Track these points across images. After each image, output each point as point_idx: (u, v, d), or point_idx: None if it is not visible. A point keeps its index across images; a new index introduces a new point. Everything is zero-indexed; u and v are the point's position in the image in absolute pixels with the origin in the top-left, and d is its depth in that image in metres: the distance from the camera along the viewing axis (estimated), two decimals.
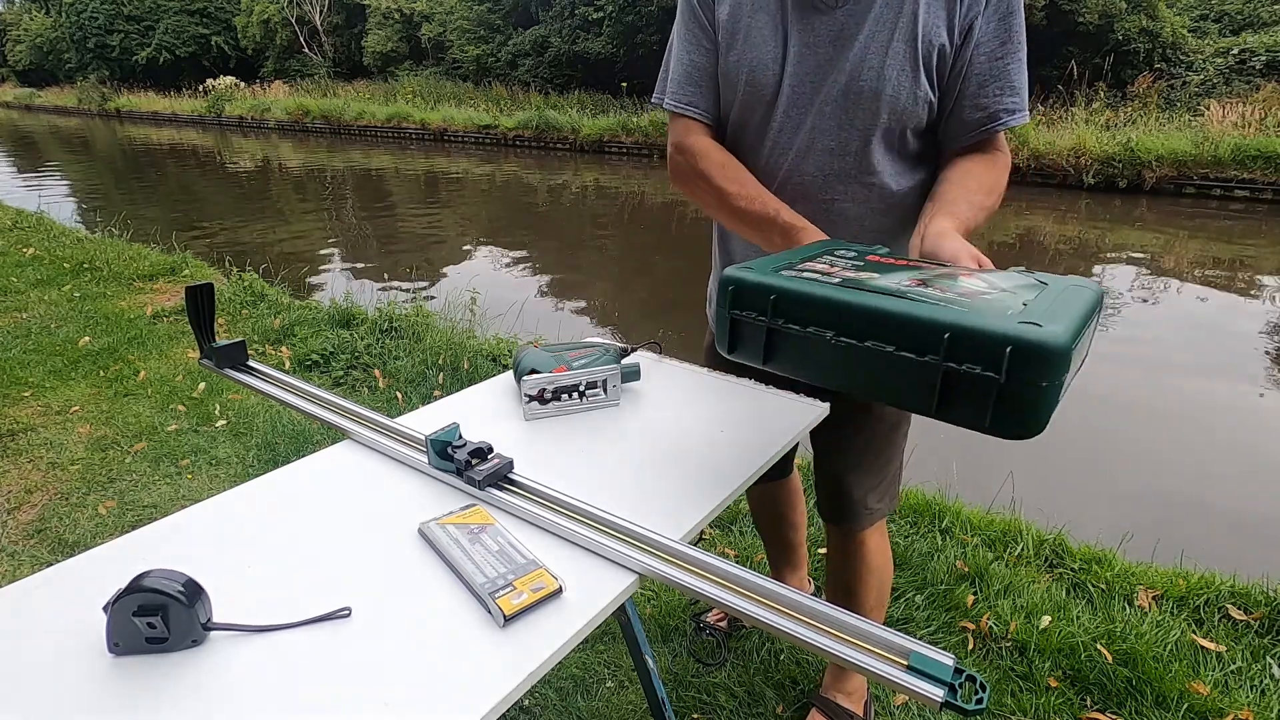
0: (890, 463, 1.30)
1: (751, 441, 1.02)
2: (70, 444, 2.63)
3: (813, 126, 1.07)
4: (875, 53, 1.00)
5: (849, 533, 1.34)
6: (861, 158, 1.07)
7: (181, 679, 0.63)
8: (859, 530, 1.32)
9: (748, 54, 1.07)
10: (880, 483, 1.30)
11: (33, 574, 0.75)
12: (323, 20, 24.56)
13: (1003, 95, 1.01)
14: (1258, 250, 6.82)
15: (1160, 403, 3.70)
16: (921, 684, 0.60)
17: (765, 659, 1.67)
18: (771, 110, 1.09)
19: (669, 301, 5.71)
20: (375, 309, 3.96)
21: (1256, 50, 10.99)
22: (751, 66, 1.07)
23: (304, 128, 18.81)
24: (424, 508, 0.85)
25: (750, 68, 1.07)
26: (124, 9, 27.54)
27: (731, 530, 2.13)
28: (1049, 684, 1.59)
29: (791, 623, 0.67)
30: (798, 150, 1.09)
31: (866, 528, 1.32)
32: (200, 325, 1.16)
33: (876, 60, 1.00)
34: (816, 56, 1.03)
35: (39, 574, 0.75)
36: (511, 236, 8.02)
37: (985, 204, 1.00)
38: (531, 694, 1.57)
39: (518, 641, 0.67)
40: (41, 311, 4.05)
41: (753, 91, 1.08)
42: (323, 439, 2.59)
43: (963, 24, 0.99)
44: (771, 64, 1.06)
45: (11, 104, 34.52)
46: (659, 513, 0.84)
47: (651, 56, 15.65)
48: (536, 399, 1.07)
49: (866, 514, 1.30)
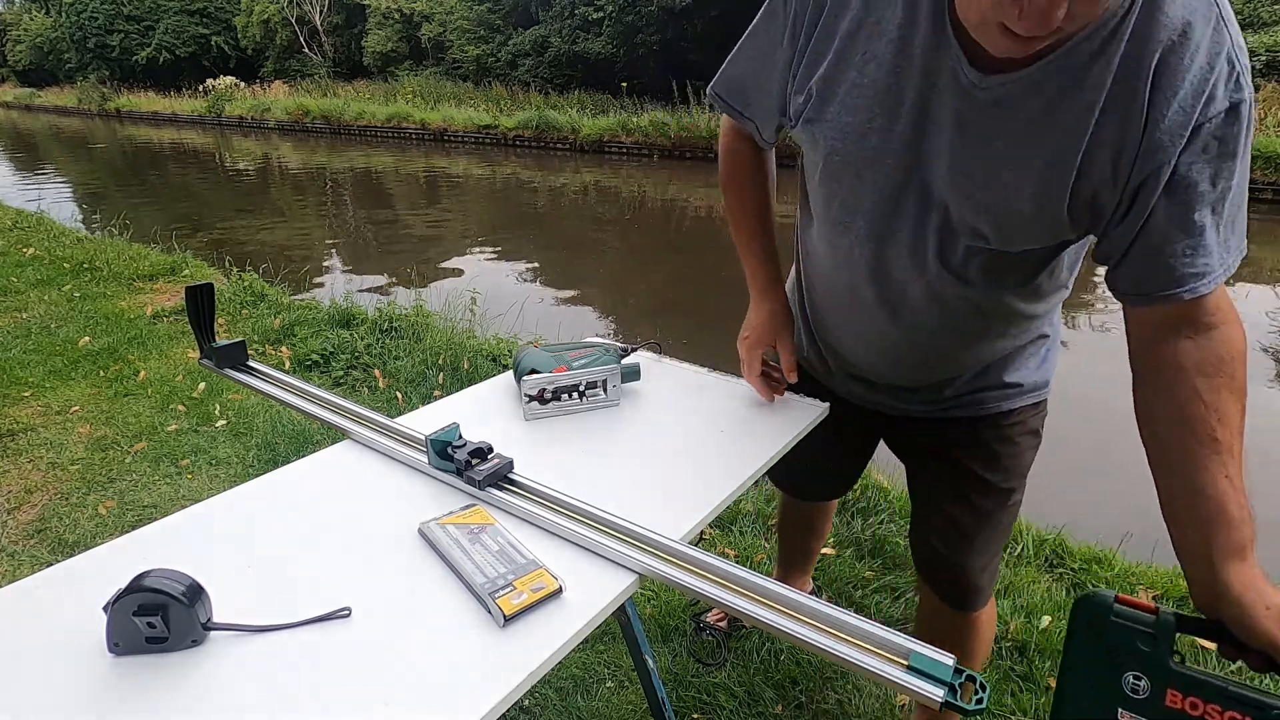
0: (1005, 532, 1.18)
1: (752, 441, 1.02)
2: (70, 444, 2.63)
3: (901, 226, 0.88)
4: (1009, 164, 0.77)
5: (965, 615, 1.23)
6: (955, 269, 0.89)
7: (181, 679, 0.63)
8: (976, 611, 1.23)
9: (837, 113, 0.85)
10: (994, 557, 1.19)
11: (33, 574, 0.75)
12: (323, 20, 24.57)
13: (1196, 256, 0.74)
14: (1258, 250, 6.82)
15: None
16: (922, 684, 0.60)
17: (765, 659, 1.67)
18: (851, 191, 0.90)
19: (669, 301, 5.71)
20: (375, 309, 3.95)
21: (1256, 50, 10.99)
22: (840, 131, 0.86)
23: (304, 128, 18.80)
24: (424, 508, 0.85)
25: (835, 133, 0.86)
26: (124, 9, 27.55)
27: (731, 530, 2.13)
28: (1049, 684, 1.59)
29: (791, 622, 0.67)
30: (876, 248, 0.91)
31: (982, 608, 1.23)
32: (200, 325, 1.16)
33: (1007, 174, 0.78)
34: (925, 146, 0.81)
35: (39, 574, 0.75)
36: (511, 236, 8.02)
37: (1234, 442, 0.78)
38: (531, 694, 1.57)
39: (518, 641, 0.67)
40: (41, 311, 4.05)
41: (831, 163, 0.90)
42: (323, 439, 2.59)
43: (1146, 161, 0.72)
44: (866, 137, 0.84)
45: (11, 104, 34.52)
46: (659, 513, 0.84)
47: (651, 56, 15.66)
48: (536, 399, 1.07)
49: (982, 595, 1.21)
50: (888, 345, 1.02)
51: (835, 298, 1.05)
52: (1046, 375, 1.10)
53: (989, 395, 1.07)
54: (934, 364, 1.05)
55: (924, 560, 1.23)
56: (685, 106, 13.12)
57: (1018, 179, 0.77)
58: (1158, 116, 0.70)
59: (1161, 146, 0.71)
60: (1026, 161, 0.76)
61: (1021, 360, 1.06)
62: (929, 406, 1.10)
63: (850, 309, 1.03)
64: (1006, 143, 0.77)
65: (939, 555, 1.18)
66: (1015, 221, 0.81)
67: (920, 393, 1.09)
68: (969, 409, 1.08)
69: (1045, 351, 1.09)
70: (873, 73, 0.81)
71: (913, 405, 1.12)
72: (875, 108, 0.82)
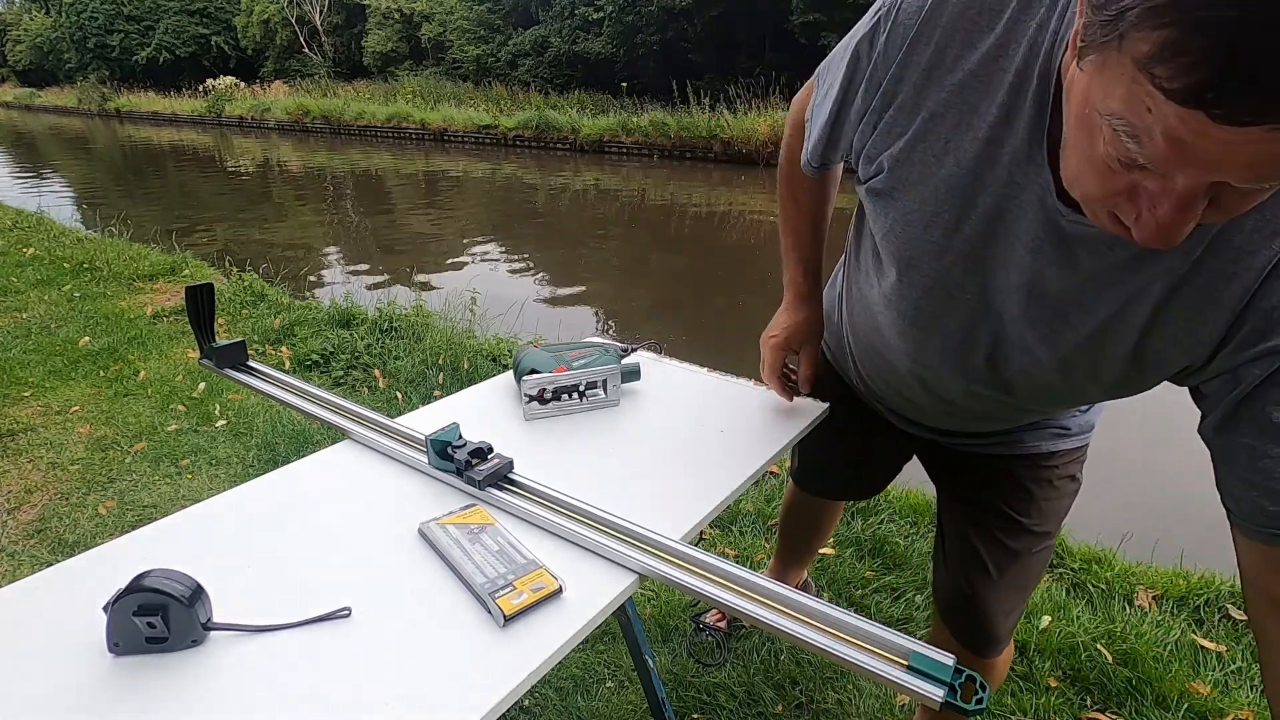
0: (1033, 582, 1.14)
1: (751, 441, 1.02)
2: (70, 444, 2.63)
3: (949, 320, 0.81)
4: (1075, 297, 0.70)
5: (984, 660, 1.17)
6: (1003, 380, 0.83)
7: (181, 679, 0.63)
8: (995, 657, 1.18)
9: (910, 203, 0.77)
10: (1019, 603, 1.14)
11: (33, 574, 0.75)
12: (323, 20, 24.57)
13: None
14: None
15: (1159, 402, 3.69)
16: (922, 684, 0.60)
17: (765, 659, 1.67)
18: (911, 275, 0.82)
19: (669, 301, 5.71)
20: (375, 309, 3.95)
21: None
22: (906, 218, 0.78)
23: (304, 128, 18.80)
24: (424, 508, 0.85)
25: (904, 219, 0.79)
26: (124, 9, 27.56)
27: (731, 530, 2.13)
28: (1049, 684, 1.59)
29: (791, 622, 0.67)
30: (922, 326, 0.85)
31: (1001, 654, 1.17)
32: (200, 325, 1.16)
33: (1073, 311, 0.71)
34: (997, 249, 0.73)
35: (39, 574, 0.75)
36: (511, 236, 8.02)
37: None
38: (531, 694, 1.57)
39: (518, 641, 0.67)
40: (41, 311, 4.05)
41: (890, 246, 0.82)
42: (323, 439, 2.59)
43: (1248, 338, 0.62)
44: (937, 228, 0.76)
45: (11, 104, 34.49)
46: (659, 513, 0.84)
47: (651, 56, 15.67)
48: (536, 399, 1.07)
49: (1002, 642, 1.15)
50: (920, 404, 1.00)
51: (871, 350, 1.01)
52: (1094, 418, 1.04)
53: (1030, 435, 1.02)
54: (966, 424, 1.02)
55: (945, 600, 1.17)
56: (685, 106, 13.12)
57: (1082, 318, 0.70)
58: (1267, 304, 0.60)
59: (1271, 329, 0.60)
60: (1093, 306, 0.69)
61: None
62: (965, 441, 1.07)
63: (885, 369, 0.99)
64: (1078, 279, 0.69)
65: (961, 595, 1.13)
66: (1072, 358, 0.74)
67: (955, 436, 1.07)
68: (1009, 448, 1.04)
69: None
70: (951, 166, 0.73)
71: (946, 440, 1.09)
72: (945, 203, 0.74)
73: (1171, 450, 3.26)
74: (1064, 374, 0.76)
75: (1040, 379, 0.78)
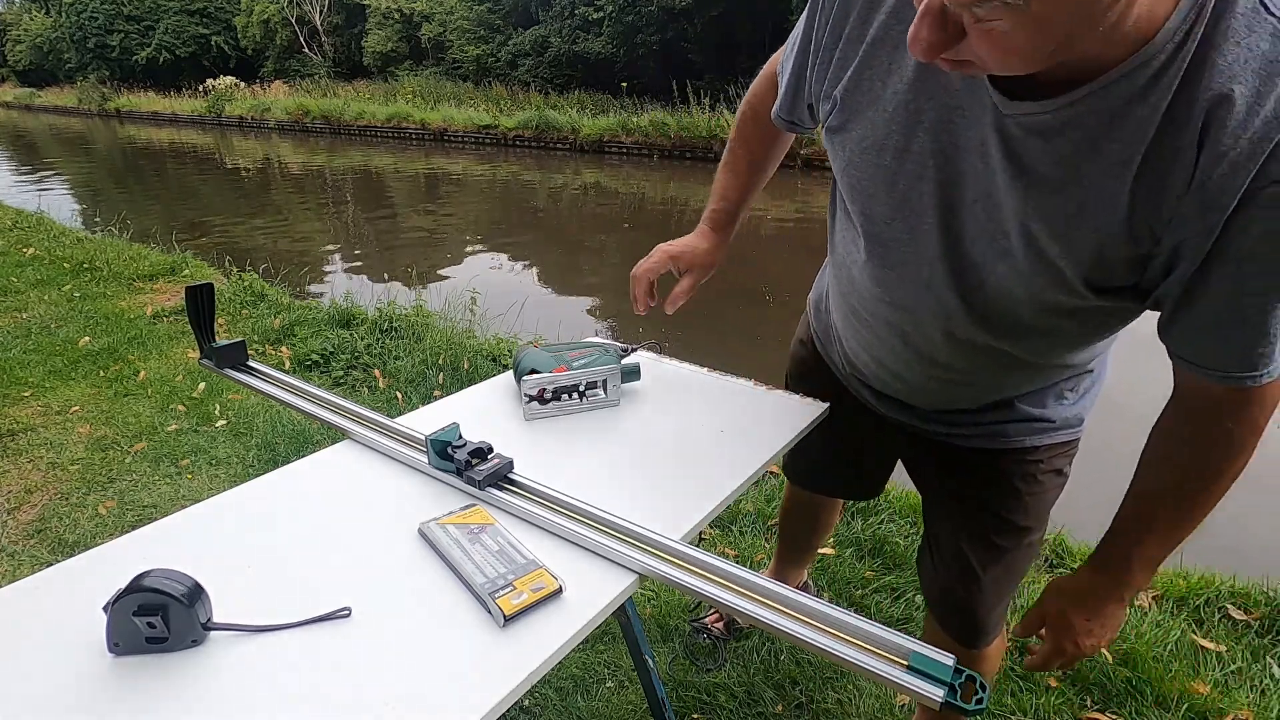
0: (1019, 576, 1.13)
1: (751, 441, 1.02)
2: (70, 444, 2.63)
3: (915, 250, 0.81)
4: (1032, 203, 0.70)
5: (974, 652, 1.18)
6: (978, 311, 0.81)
7: (181, 679, 0.63)
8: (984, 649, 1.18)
9: (862, 130, 0.80)
10: (1005, 597, 1.14)
11: (33, 574, 0.75)
12: (323, 20, 24.57)
13: (1255, 346, 0.67)
14: None
15: (1159, 402, 3.69)
16: (922, 684, 0.60)
17: (765, 659, 1.67)
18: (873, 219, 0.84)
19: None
20: (375, 309, 3.95)
21: None
22: (859, 153, 0.81)
23: (304, 128, 18.80)
24: (424, 508, 0.85)
25: (854, 155, 0.82)
26: (124, 9, 27.55)
27: (731, 530, 2.13)
28: (1049, 684, 1.59)
29: (791, 622, 0.67)
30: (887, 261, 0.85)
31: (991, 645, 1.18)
32: (200, 325, 1.16)
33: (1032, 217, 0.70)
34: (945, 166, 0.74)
35: (39, 574, 0.75)
36: (511, 236, 8.02)
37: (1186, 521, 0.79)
38: (531, 694, 1.57)
39: (518, 641, 0.67)
40: (41, 311, 4.05)
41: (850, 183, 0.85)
42: (323, 439, 2.59)
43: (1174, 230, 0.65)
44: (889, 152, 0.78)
45: (11, 104, 34.49)
46: (659, 513, 0.84)
47: (651, 56, 15.66)
48: (536, 399, 1.07)
49: (995, 632, 1.16)
50: (900, 368, 0.97)
51: (848, 306, 1.01)
52: (1082, 412, 1.01)
53: (1014, 428, 0.99)
54: (948, 395, 0.99)
55: (933, 595, 1.19)
56: (685, 106, 13.11)
57: (1037, 229, 0.70)
58: (1204, 176, 0.61)
59: (1206, 208, 0.62)
60: (1047, 208, 0.69)
61: (1055, 394, 0.98)
62: (948, 430, 1.04)
63: (864, 326, 0.98)
64: (1030, 183, 0.69)
65: (948, 591, 1.14)
66: (1034, 270, 0.72)
67: (936, 418, 1.04)
68: (991, 440, 1.01)
69: (1086, 387, 1.00)
70: (895, 85, 0.75)
71: (930, 427, 1.06)
72: (894, 123, 0.76)
73: None
74: (1030, 290, 0.75)
75: (1011, 297, 0.77)
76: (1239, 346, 0.68)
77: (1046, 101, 0.65)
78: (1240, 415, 0.72)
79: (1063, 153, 0.66)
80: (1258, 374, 0.68)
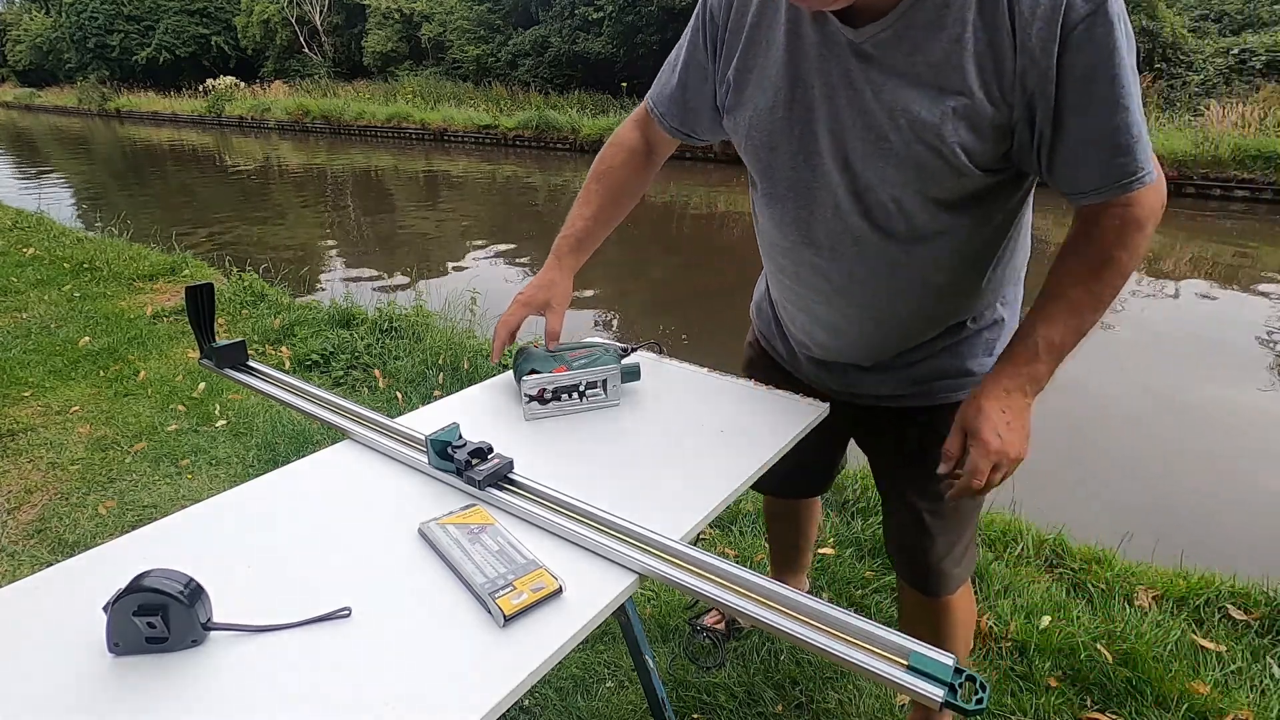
0: (967, 523, 1.20)
1: (751, 441, 1.02)
2: (70, 444, 2.63)
3: (827, 189, 0.94)
4: (897, 107, 0.84)
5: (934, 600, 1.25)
6: (879, 224, 0.93)
7: (181, 679, 0.63)
8: (943, 597, 1.24)
9: (753, 101, 0.96)
10: (958, 543, 1.20)
11: (33, 574, 0.75)
12: (323, 20, 24.55)
13: (1116, 157, 0.81)
14: (1258, 250, 6.82)
15: (1159, 402, 3.70)
16: (921, 684, 0.60)
17: (765, 659, 1.67)
18: (779, 168, 0.97)
19: (669, 301, 5.71)
20: (375, 309, 3.95)
21: (1256, 50, 10.97)
22: (753, 116, 0.96)
23: (304, 128, 18.80)
24: (424, 508, 0.85)
25: (752, 118, 0.96)
26: (124, 9, 27.53)
27: (731, 530, 2.13)
28: (1049, 684, 1.59)
29: (791, 622, 0.67)
30: (815, 213, 0.96)
31: (951, 594, 1.24)
32: (200, 325, 1.16)
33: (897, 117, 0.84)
34: (827, 110, 0.89)
35: (39, 574, 0.75)
36: (511, 236, 8.02)
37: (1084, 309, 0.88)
38: (531, 694, 1.57)
39: (518, 641, 0.67)
40: (41, 311, 4.05)
41: (753, 145, 0.98)
42: (323, 439, 2.59)
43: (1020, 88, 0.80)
44: (777, 115, 0.93)
45: (11, 104, 34.50)
46: (659, 513, 0.84)
47: (651, 56, 15.63)
48: (536, 399, 1.07)
49: (949, 580, 1.22)
50: (835, 318, 1.06)
51: (781, 271, 1.10)
52: None
53: (944, 384, 1.09)
54: (880, 337, 1.06)
55: (892, 550, 1.28)
56: None
57: (911, 121, 0.84)
58: (1024, 36, 0.77)
59: (1036, 61, 0.78)
60: (913, 101, 0.83)
61: (976, 348, 1.08)
62: (890, 387, 1.12)
63: (794, 281, 1.07)
64: (893, 87, 0.84)
65: (903, 545, 1.23)
66: (919, 161, 0.85)
67: (875, 372, 1.11)
68: (927, 399, 1.11)
69: (1000, 340, 1.10)
70: (775, 54, 0.92)
71: (871, 386, 1.13)
72: (779, 84, 0.92)
73: (1171, 451, 3.26)
74: (921, 185, 0.88)
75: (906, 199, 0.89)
76: (1102, 163, 0.82)
77: (883, 19, 0.82)
78: (1125, 221, 0.85)
79: (909, 51, 0.82)
80: (1126, 181, 0.82)
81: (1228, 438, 3.33)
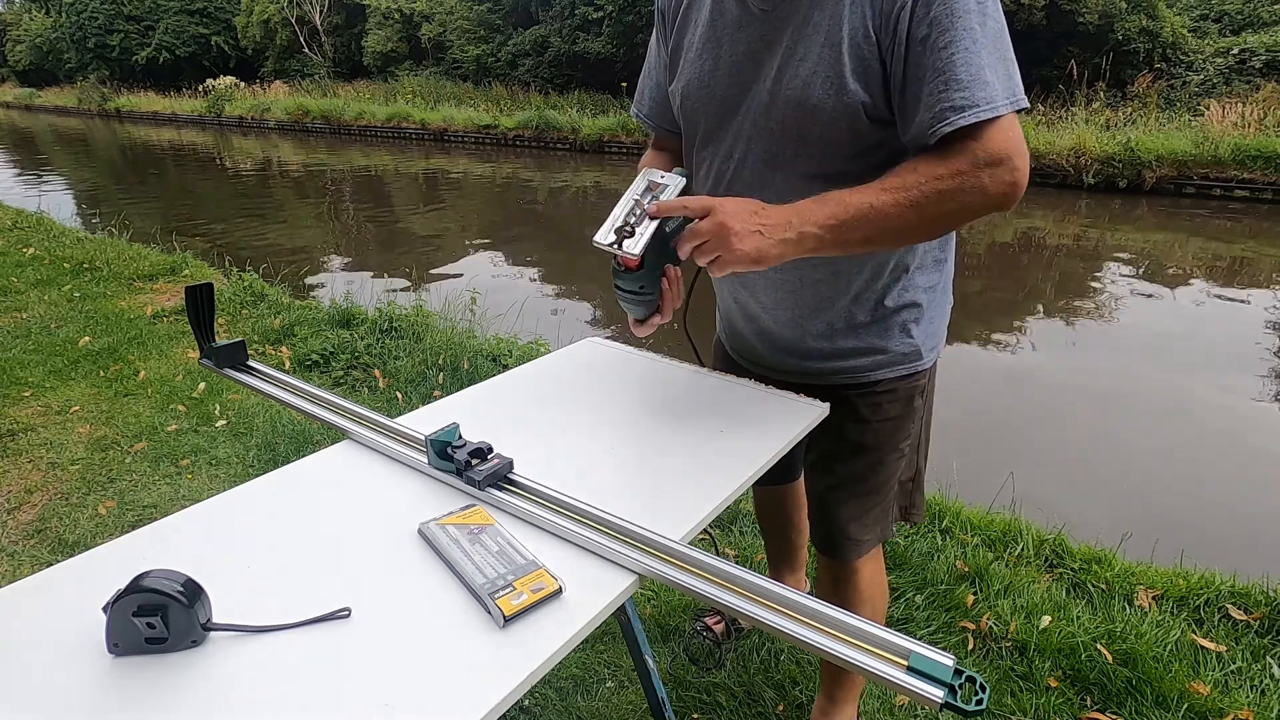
0: (878, 492, 1.24)
1: (751, 441, 1.02)
2: (70, 444, 2.63)
3: (744, 139, 1.04)
4: (799, 58, 0.96)
5: (838, 563, 1.29)
6: (795, 168, 1.01)
7: (181, 679, 0.63)
8: (848, 561, 1.27)
9: (685, 72, 1.09)
10: (866, 512, 1.24)
11: (33, 574, 0.75)
12: (323, 20, 24.54)
13: (948, 91, 0.87)
14: (1258, 250, 6.82)
15: (1159, 402, 3.70)
16: (921, 685, 0.60)
17: (765, 659, 1.67)
18: (706, 126, 1.09)
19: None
20: (375, 309, 3.96)
21: (1256, 50, 10.97)
22: (686, 83, 1.09)
23: (304, 128, 18.79)
24: (424, 508, 0.85)
25: (685, 85, 1.09)
26: (124, 9, 27.52)
27: (731, 530, 2.13)
28: (1049, 684, 1.59)
29: (791, 623, 0.67)
30: (735, 164, 1.07)
31: (854, 559, 1.27)
32: (200, 325, 1.16)
33: (799, 66, 0.96)
34: (741, 68, 1.02)
35: (39, 574, 0.75)
36: (511, 236, 8.02)
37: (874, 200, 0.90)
38: (531, 694, 1.57)
39: (518, 641, 0.67)
40: (41, 311, 4.05)
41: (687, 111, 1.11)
42: (323, 439, 2.59)
43: (887, 20, 0.90)
44: (703, 80, 1.06)
45: (11, 104, 34.49)
46: (659, 513, 0.84)
47: None
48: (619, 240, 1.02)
49: (853, 545, 1.25)
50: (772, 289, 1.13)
51: None
52: (917, 346, 1.16)
53: (861, 363, 1.16)
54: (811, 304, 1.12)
55: (810, 515, 1.33)
56: None
57: (810, 72, 0.95)
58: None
59: (888, 14, 0.89)
60: (809, 54, 0.95)
61: (889, 328, 1.14)
62: (818, 364, 1.18)
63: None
64: (791, 43, 0.96)
65: (815, 507, 1.30)
66: (821, 108, 0.95)
67: (799, 350, 1.18)
68: (847, 375, 1.17)
69: (916, 323, 1.15)
70: (701, 29, 1.06)
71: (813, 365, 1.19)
72: (705, 54, 1.06)
73: (1172, 451, 3.26)
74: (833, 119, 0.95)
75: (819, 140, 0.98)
76: (941, 99, 0.88)
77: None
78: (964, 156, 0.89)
79: (802, 14, 0.95)
80: (964, 113, 0.87)
81: (1228, 438, 3.34)
